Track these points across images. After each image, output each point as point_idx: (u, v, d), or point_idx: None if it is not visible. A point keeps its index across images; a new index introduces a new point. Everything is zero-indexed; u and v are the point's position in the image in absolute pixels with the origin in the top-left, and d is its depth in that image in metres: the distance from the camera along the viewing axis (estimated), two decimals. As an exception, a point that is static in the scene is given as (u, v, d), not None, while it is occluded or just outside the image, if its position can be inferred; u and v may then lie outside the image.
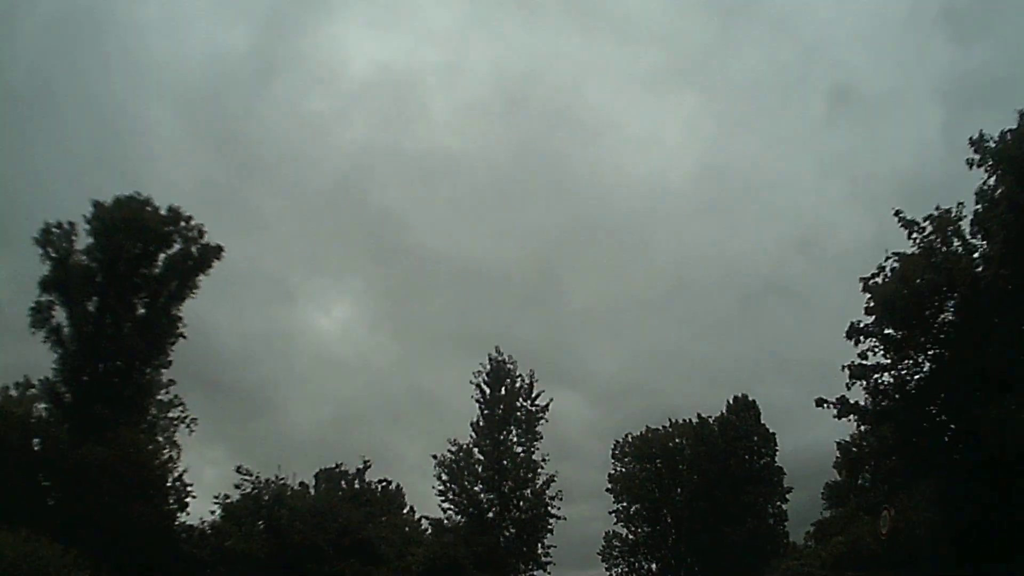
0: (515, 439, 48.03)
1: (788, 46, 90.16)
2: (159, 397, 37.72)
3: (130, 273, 37.35)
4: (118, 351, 36.17)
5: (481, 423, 47.90)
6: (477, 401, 48.05)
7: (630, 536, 60.61)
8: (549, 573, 47.30)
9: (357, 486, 52.01)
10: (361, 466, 52.48)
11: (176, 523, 36.56)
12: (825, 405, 31.17)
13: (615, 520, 60.18)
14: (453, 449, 47.41)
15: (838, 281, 73.89)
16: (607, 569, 60.01)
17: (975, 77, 74.14)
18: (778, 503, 55.44)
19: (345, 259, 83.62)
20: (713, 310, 76.25)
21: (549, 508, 47.00)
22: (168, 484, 36.02)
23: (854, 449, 43.84)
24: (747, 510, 54.18)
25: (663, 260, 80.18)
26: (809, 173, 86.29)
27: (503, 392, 48.11)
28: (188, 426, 37.70)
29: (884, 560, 31.75)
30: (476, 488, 47.24)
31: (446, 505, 46.70)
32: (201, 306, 39.15)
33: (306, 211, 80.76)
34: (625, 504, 60.38)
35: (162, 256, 38.33)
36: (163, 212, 38.58)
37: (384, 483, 54.85)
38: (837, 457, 47.94)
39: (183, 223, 38.75)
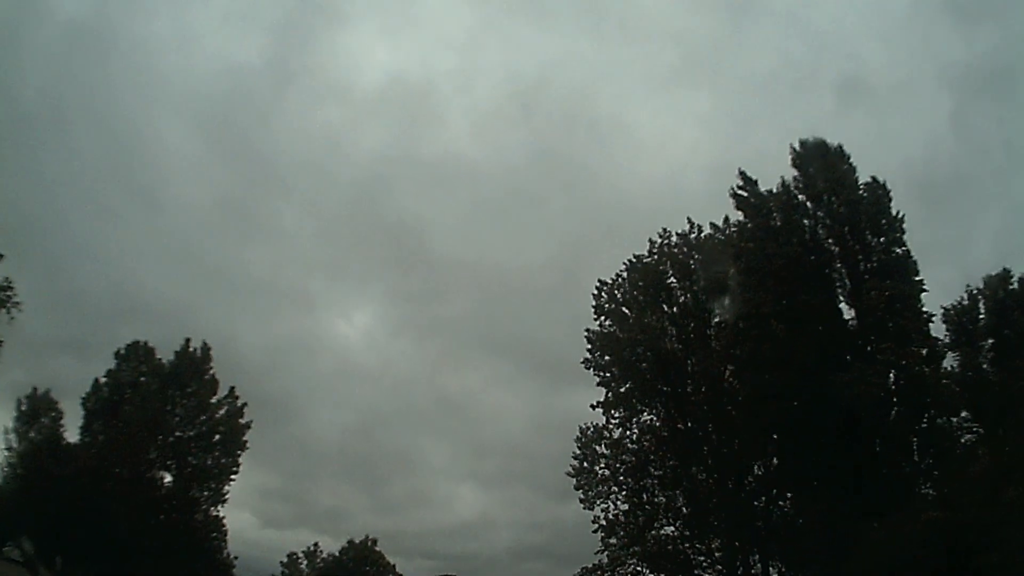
0: None
1: (797, 40, 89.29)
2: None
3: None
4: None
5: None
6: None
7: (629, 443, 34.73)
8: None
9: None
10: None
11: None
12: None
13: (604, 422, 34.01)
14: None
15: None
16: (584, 502, 33.29)
17: (982, 66, 72.75)
18: (916, 347, 27.63)
19: (365, 267, 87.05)
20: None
21: None
22: None
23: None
24: (870, 336, 26.58)
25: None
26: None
27: None
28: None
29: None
30: None
31: None
32: (222, 317, 25.85)
33: (325, 220, 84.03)
34: (623, 391, 34.43)
35: None
36: None
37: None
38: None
39: None
